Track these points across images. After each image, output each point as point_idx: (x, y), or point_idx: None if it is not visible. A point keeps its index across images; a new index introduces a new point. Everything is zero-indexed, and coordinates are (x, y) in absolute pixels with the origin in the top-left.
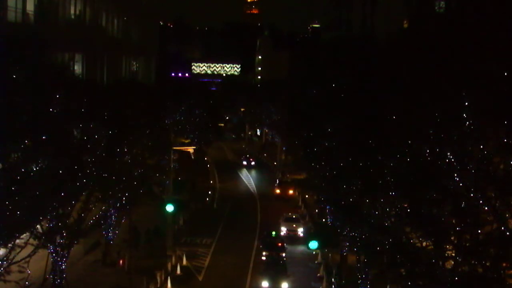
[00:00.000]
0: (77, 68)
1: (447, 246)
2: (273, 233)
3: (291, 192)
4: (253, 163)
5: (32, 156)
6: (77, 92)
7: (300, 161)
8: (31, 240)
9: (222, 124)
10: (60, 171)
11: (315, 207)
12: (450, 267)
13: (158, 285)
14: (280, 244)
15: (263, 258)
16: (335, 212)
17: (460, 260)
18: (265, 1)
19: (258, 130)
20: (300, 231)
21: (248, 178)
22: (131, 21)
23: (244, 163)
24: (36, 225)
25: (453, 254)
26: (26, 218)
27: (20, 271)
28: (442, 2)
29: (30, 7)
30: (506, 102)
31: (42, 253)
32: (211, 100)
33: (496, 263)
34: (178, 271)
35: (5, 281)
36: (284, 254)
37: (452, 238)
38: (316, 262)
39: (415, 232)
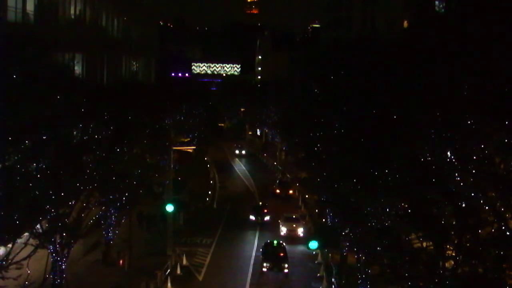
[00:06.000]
0: (77, 68)
1: (448, 246)
2: (275, 242)
3: (291, 192)
4: (267, 218)
5: (32, 156)
6: (77, 92)
7: (301, 161)
8: (31, 240)
9: (222, 124)
10: (60, 171)
11: (315, 207)
12: (450, 268)
13: (158, 285)
14: (282, 254)
15: (264, 269)
16: (335, 212)
17: (460, 260)
18: (265, 1)
19: (258, 130)
20: (300, 231)
21: (248, 177)
22: (131, 21)
23: (252, 218)
24: (36, 225)
25: (454, 254)
26: (26, 218)
27: (17, 268)
28: (442, 3)
29: (30, 7)
30: (507, 102)
31: (42, 253)
32: (211, 100)
33: (496, 263)
34: (178, 271)
35: (3, 278)
36: (286, 265)
37: (453, 238)
38: (316, 262)
39: (415, 232)
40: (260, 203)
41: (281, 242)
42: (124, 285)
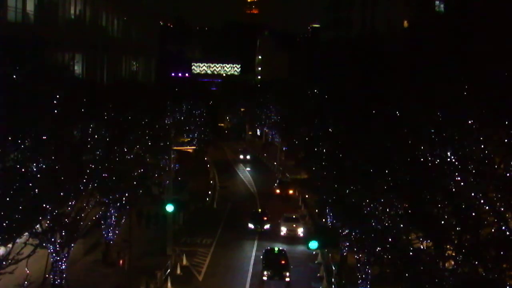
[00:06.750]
0: (77, 68)
1: (448, 246)
2: (275, 249)
3: (291, 192)
4: (267, 226)
5: (32, 156)
6: (77, 92)
7: (301, 161)
8: (31, 240)
9: (222, 124)
10: (60, 171)
11: (315, 207)
12: (450, 268)
13: (158, 285)
14: (283, 262)
15: (264, 278)
16: (335, 212)
17: (460, 260)
18: (265, 1)
19: (258, 130)
20: (300, 231)
21: (248, 177)
22: (131, 21)
23: (250, 226)
24: (36, 225)
25: (454, 254)
26: (26, 218)
27: (13, 263)
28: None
29: (30, 7)
30: (506, 102)
31: (42, 253)
32: (211, 100)
33: (496, 263)
34: (178, 271)
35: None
36: (288, 273)
37: (453, 238)
38: (316, 262)
39: (416, 232)
40: (260, 210)
41: (282, 249)
42: (124, 285)
